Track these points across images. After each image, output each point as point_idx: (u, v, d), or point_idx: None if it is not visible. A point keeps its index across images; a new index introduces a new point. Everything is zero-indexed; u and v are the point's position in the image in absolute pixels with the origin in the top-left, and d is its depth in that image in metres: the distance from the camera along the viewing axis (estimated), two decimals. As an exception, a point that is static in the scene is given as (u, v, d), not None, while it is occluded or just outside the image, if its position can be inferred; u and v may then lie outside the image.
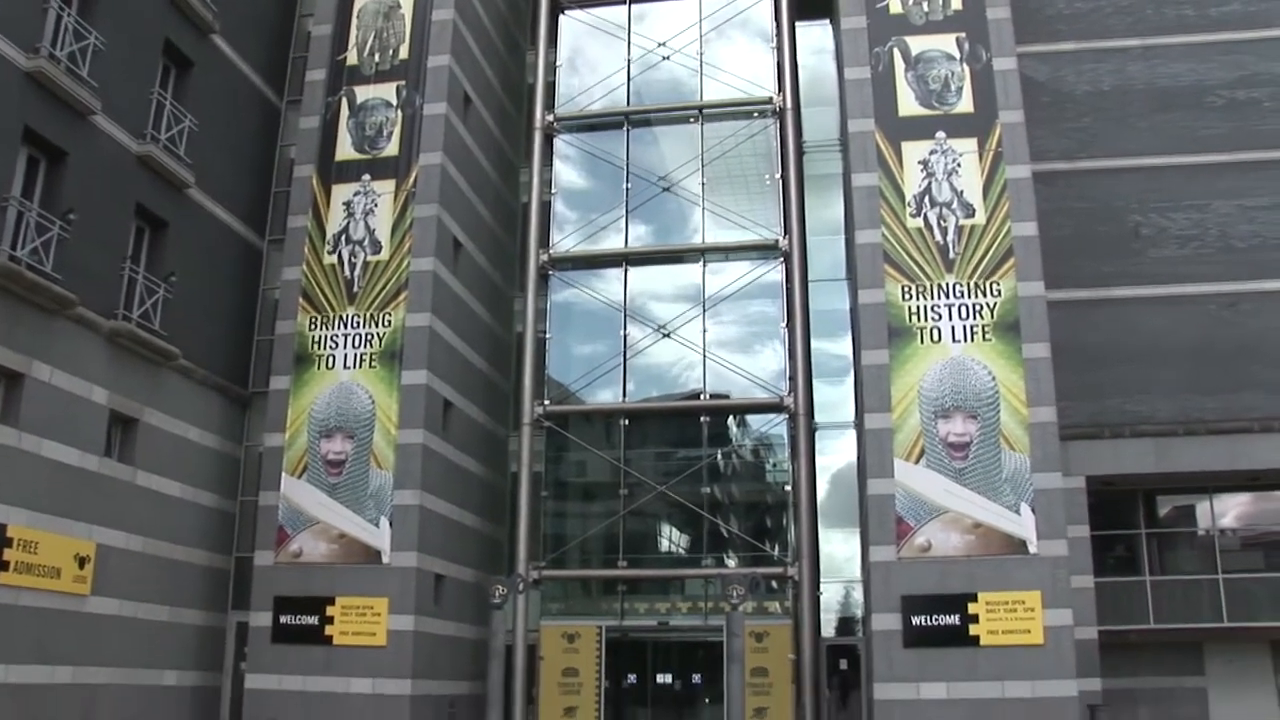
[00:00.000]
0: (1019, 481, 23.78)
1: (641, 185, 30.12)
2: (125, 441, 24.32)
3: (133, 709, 23.31)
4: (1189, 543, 28.65)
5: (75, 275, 21.85)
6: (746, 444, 30.61)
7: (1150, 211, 28.54)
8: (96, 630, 22.69)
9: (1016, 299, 24.76)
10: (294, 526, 25.94)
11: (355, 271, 27.41)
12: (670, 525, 29.80)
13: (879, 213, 25.80)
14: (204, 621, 26.61)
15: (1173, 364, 27.17)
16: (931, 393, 24.56)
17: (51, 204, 21.72)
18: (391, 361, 26.56)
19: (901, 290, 25.23)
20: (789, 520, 28.15)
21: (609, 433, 29.61)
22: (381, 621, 24.98)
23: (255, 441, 28.15)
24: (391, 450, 25.98)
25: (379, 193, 27.81)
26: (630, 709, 26.16)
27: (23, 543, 20.59)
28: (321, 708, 24.06)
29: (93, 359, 22.95)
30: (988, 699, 22.32)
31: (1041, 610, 22.86)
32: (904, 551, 23.84)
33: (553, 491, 29.32)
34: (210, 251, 27.51)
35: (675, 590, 29.10)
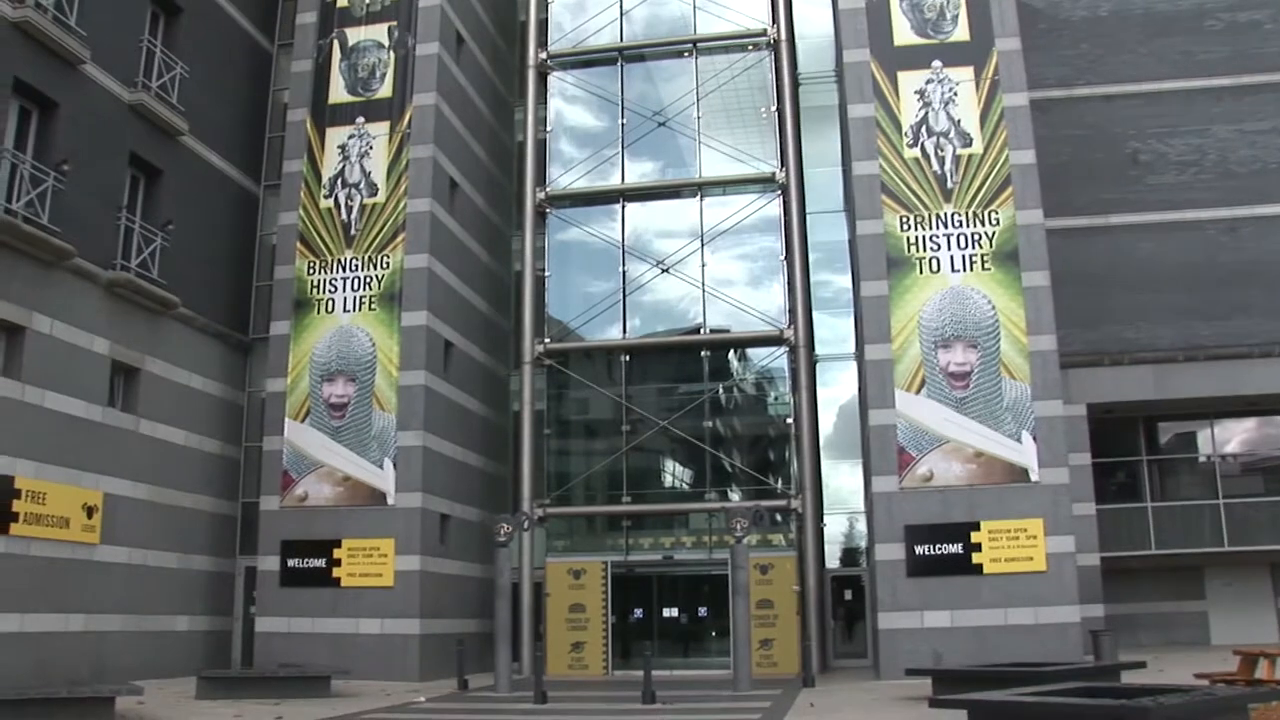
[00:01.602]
0: (1020, 410, 23.85)
1: (638, 121, 29.94)
2: (128, 391, 24.40)
3: (145, 655, 23.58)
4: (1189, 469, 28.83)
5: (72, 226, 21.80)
6: (748, 378, 30.68)
7: (1149, 138, 28.40)
8: (107, 578, 22.91)
9: (1015, 228, 24.69)
10: (298, 471, 26.09)
11: (352, 214, 27.34)
12: (673, 460, 29.95)
13: (876, 143, 25.65)
14: (212, 567, 26.85)
15: (1172, 290, 27.18)
16: (931, 323, 24.56)
17: (45, 155, 21.62)
18: (391, 303, 26.57)
19: (900, 221, 25.15)
20: (791, 453, 28.30)
21: (610, 369, 29.69)
22: (388, 562, 25.22)
23: (257, 387, 28.25)
24: (393, 392, 26.07)
25: (374, 135, 27.67)
26: (637, 642, 26.41)
27: (31, 494, 20.75)
28: (331, 649, 24.33)
29: (92, 310, 22.96)
30: (991, 626, 22.56)
31: (1043, 537, 23.03)
32: (906, 481, 23.97)
33: (555, 429, 29.45)
34: (206, 198, 27.42)
35: (679, 525, 29.33)
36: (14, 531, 20.32)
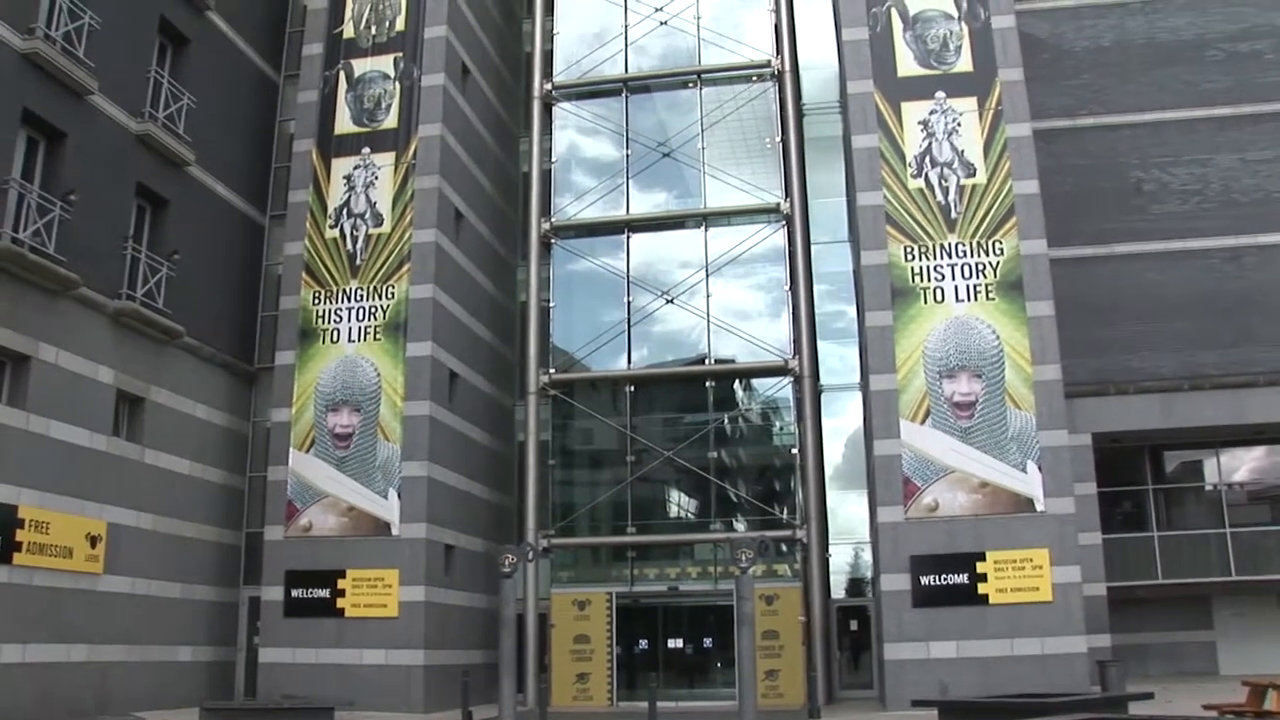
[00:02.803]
0: (1025, 439, 23.82)
1: (642, 152, 30.08)
2: (133, 420, 24.39)
3: (148, 685, 23.47)
4: (1196, 498, 28.73)
5: (78, 256, 21.85)
6: (753, 408, 30.68)
7: (1152, 167, 28.45)
8: (110, 608, 22.82)
9: (1019, 257, 24.73)
10: (303, 501, 26.06)
11: (357, 245, 27.41)
12: (678, 491, 29.90)
13: (880, 174, 25.75)
14: (216, 597, 26.75)
15: (1176, 319, 27.14)
16: (936, 353, 24.57)
17: (52, 185, 21.69)
18: (396, 334, 26.60)
19: (904, 251, 25.20)
20: (796, 483, 28.25)
21: (615, 400, 29.68)
22: (393, 593, 25.14)
23: (262, 417, 28.23)
24: (398, 422, 26.06)
25: (379, 165, 27.78)
26: (642, 674, 26.27)
27: (35, 523, 20.70)
28: (335, 679, 24.21)
29: (98, 339, 22.99)
30: (997, 656, 22.47)
31: (1050, 567, 22.96)
32: (912, 512, 23.93)
33: (560, 460, 29.43)
34: (212, 228, 27.48)
35: (684, 555, 29.24)
36: (17, 561, 20.25)
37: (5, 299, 20.34)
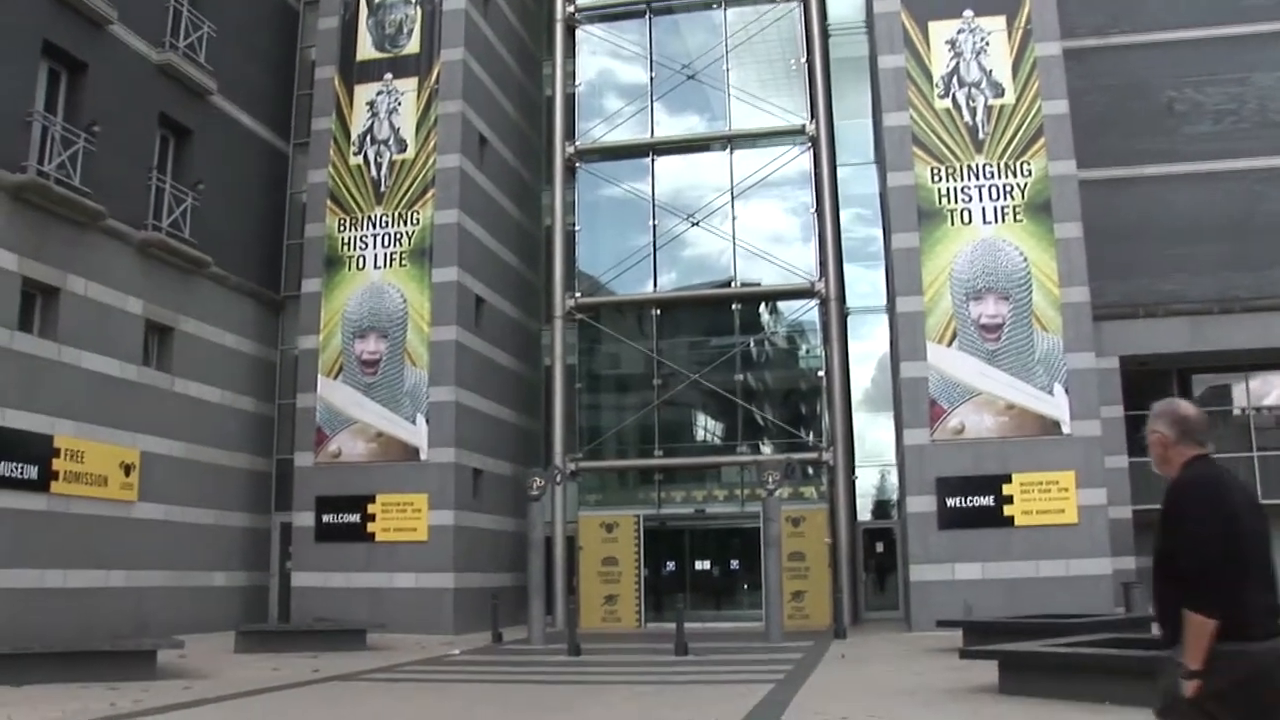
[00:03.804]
0: (1052, 362, 23.75)
1: (666, 75, 29.79)
2: (162, 350, 24.62)
3: (184, 610, 23.89)
4: (1224, 421, 28.50)
5: (103, 187, 21.92)
6: (779, 331, 30.65)
7: (1185, 86, 27.84)
8: (145, 535, 23.21)
9: (1047, 179, 24.49)
10: (332, 427, 26.29)
11: (382, 171, 27.36)
12: (704, 414, 30.03)
13: (906, 95, 25.43)
14: (249, 523, 27.16)
15: (1208, 241, 26.74)
16: (963, 275, 24.43)
17: (75, 117, 21.71)
18: (422, 259, 26.63)
19: (931, 172, 24.97)
20: (823, 406, 28.30)
21: (641, 324, 29.72)
22: (422, 517, 25.44)
23: (290, 344, 28.42)
24: (425, 348, 26.18)
25: (402, 91, 27.63)
26: (669, 595, 26.57)
27: (70, 452, 21.01)
28: (367, 603, 24.57)
29: (126, 270, 23.13)
30: (1022, 578, 22.56)
31: (1075, 490, 22.99)
32: (937, 434, 23.95)
33: (586, 384, 29.56)
34: (236, 158, 27.49)
35: (711, 478, 29.42)
36: (54, 490, 20.62)
37: (33, 232, 20.46)
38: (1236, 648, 4.46)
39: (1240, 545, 4.58)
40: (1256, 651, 4.49)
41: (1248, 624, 4.51)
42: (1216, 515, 4.61)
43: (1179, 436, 4.94)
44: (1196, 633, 4.50)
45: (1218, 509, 4.64)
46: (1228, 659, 4.46)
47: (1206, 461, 4.89)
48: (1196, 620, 4.49)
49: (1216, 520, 4.59)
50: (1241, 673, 4.48)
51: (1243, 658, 4.48)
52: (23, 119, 20.46)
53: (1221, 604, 4.46)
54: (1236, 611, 4.48)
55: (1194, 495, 4.74)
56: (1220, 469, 4.88)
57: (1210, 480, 4.78)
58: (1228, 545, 4.54)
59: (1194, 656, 4.50)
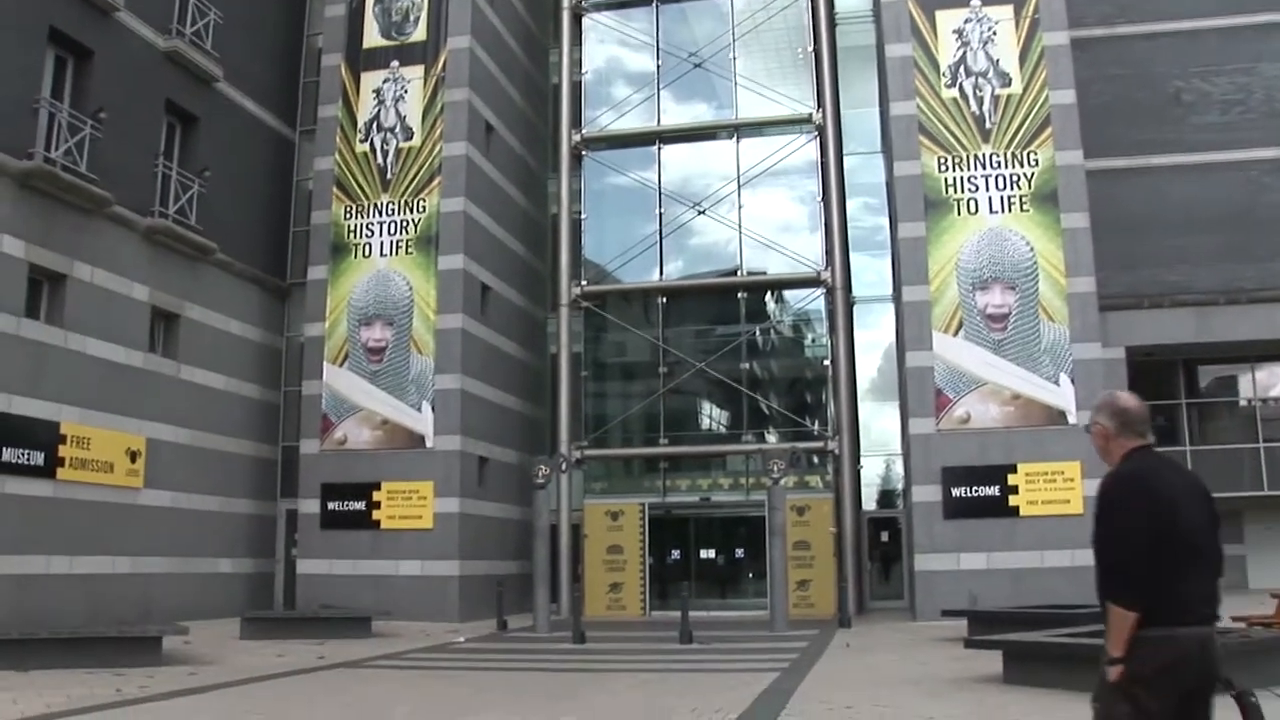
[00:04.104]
0: (1058, 352, 23.72)
1: (673, 63, 29.74)
2: (168, 337, 24.65)
3: (190, 596, 23.96)
4: (1230, 413, 28.53)
5: (109, 174, 21.92)
6: (785, 320, 30.65)
7: (1192, 76, 27.76)
8: (151, 521, 23.27)
9: (1054, 168, 24.42)
10: (338, 414, 26.33)
11: (388, 159, 27.35)
12: (710, 403, 30.05)
13: (913, 84, 25.37)
14: (254, 510, 27.21)
15: (1214, 232, 26.67)
16: (969, 264, 24.39)
17: (81, 104, 21.71)
18: (428, 247, 26.63)
19: (938, 162, 24.92)
20: (828, 395, 28.30)
21: (647, 312, 29.73)
22: (427, 505, 25.48)
23: (296, 332, 28.45)
24: (431, 335, 26.20)
25: (408, 79, 27.61)
26: (674, 584, 26.53)
27: (76, 439, 21.06)
28: (372, 590, 24.63)
29: (132, 257, 23.15)
30: (1027, 568, 22.52)
31: (1081, 480, 22.95)
32: (943, 423, 23.93)
33: (592, 372, 29.58)
34: (242, 145, 27.48)
35: (716, 467, 29.44)
36: (61, 476, 20.68)
37: (40, 218, 20.48)
38: (1164, 633, 4.55)
39: (1172, 535, 4.63)
40: (1183, 637, 4.58)
41: (1178, 611, 4.60)
42: (1146, 507, 4.67)
43: (1119, 429, 5.00)
44: (1116, 623, 4.61)
45: (1148, 501, 4.69)
46: (1153, 644, 4.55)
47: (1145, 453, 4.95)
48: (1116, 611, 4.60)
49: (1145, 512, 4.65)
50: (1167, 658, 4.55)
51: (1169, 643, 4.56)
52: (30, 106, 20.49)
53: (1142, 596, 4.56)
54: (1164, 600, 4.57)
55: (1125, 487, 4.81)
56: (1159, 461, 4.94)
57: (1144, 472, 4.84)
58: (1155, 536, 4.60)
59: (1115, 644, 4.61)
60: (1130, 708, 4.57)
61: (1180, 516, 4.70)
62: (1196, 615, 4.66)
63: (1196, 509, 4.82)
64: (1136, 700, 4.57)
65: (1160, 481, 4.80)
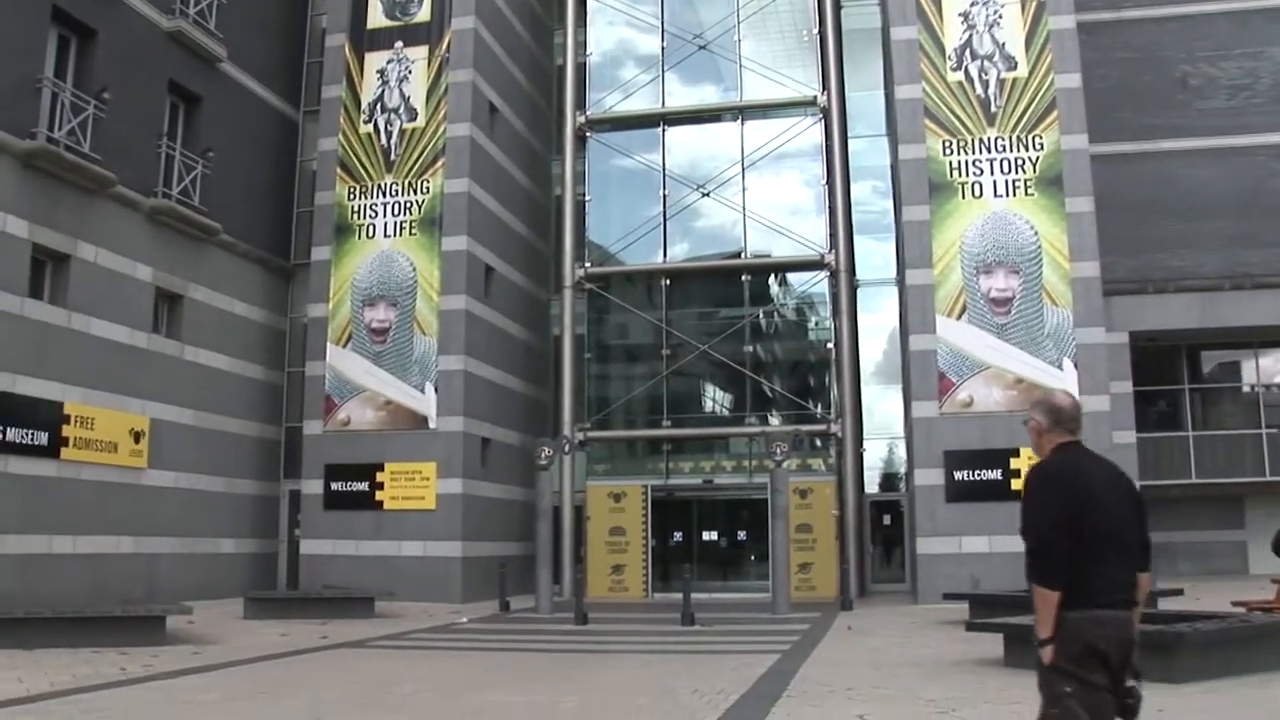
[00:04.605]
0: (1061, 337, 23.70)
1: (678, 45, 29.65)
2: (172, 317, 24.67)
3: (194, 576, 24.05)
4: (1232, 398, 28.54)
5: (113, 154, 21.92)
6: (788, 303, 30.63)
7: (1199, 61, 27.69)
8: (155, 502, 23.35)
9: (1059, 152, 24.36)
10: (341, 395, 26.35)
11: (392, 140, 27.32)
12: (713, 385, 30.04)
13: (919, 67, 25.31)
14: (258, 491, 27.27)
15: (1219, 218, 26.64)
16: (973, 248, 24.35)
17: (84, 84, 21.69)
18: (431, 228, 26.61)
19: (942, 145, 24.86)
20: (831, 378, 28.29)
21: (651, 294, 29.70)
22: (430, 486, 25.53)
23: (299, 312, 28.44)
24: (434, 316, 26.20)
25: (412, 59, 27.56)
26: (676, 566, 26.54)
27: (80, 419, 21.11)
28: (375, 571, 24.69)
29: (136, 237, 23.16)
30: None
31: (1084, 465, 22.87)
32: (946, 407, 23.93)
33: (595, 354, 29.58)
34: (246, 125, 27.44)
35: (719, 449, 29.47)
36: (65, 456, 20.74)
37: (43, 198, 20.49)
38: (1085, 614, 4.86)
39: (1089, 524, 4.93)
40: (1099, 619, 4.87)
41: (1096, 593, 4.90)
42: (1063, 496, 5.00)
43: (1051, 424, 5.32)
44: (1041, 603, 4.94)
45: (1065, 491, 5.02)
46: (1076, 624, 4.87)
47: (1072, 448, 5.26)
48: (1039, 592, 4.93)
49: (1062, 501, 4.98)
50: (1090, 636, 4.86)
51: (1092, 623, 4.87)
52: (33, 86, 20.45)
53: (1061, 578, 4.88)
54: (1083, 583, 4.89)
55: (1048, 478, 5.16)
56: (1083, 455, 5.24)
57: (1064, 465, 5.17)
58: (1072, 524, 4.91)
59: (1042, 625, 4.95)
60: (1075, 685, 4.87)
61: (1098, 507, 5.01)
62: (1114, 599, 4.94)
63: (1117, 501, 5.11)
64: (1078, 678, 4.87)
65: (1079, 474, 5.12)
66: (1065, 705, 4.89)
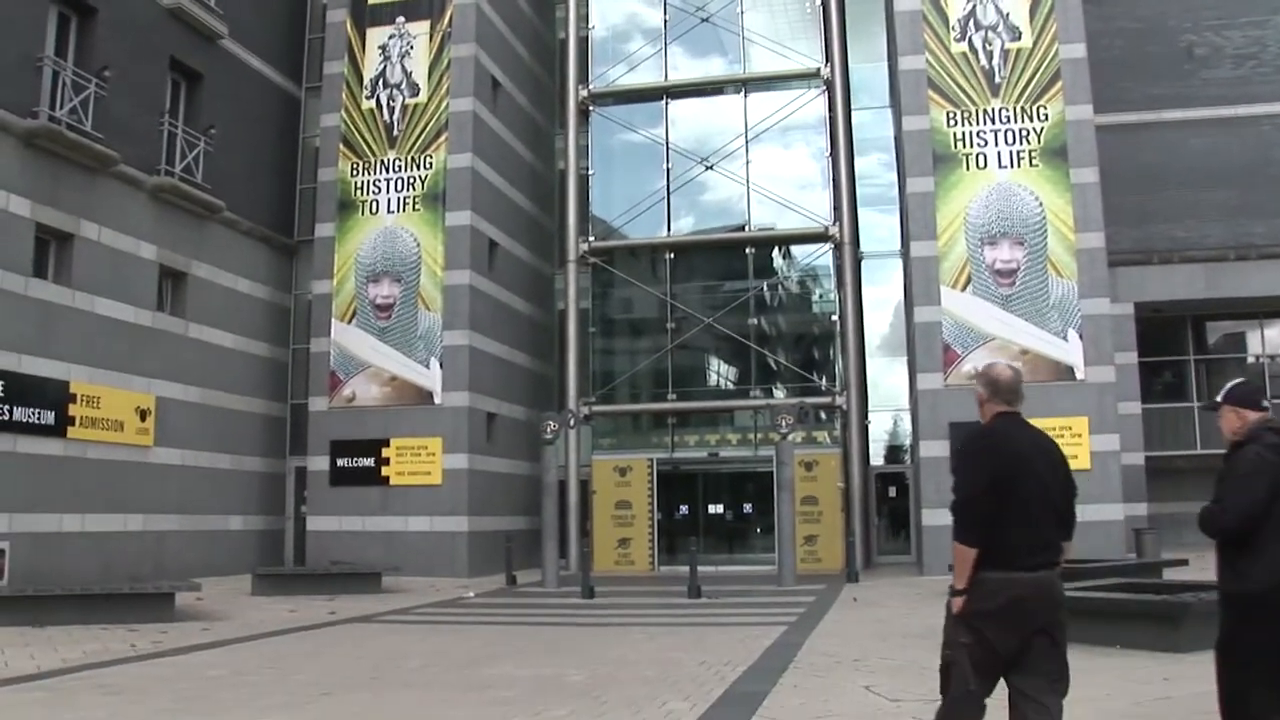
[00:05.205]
0: (1066, 308, 23.68)
1: (681, 17, 29.53)
2: (176, 295, 24.67)
3: (202, 553, 24.10)
4: (1238, 369, 28.42)
5: (115, 132, 21.86)
6: (793, 276, 30.61)
7: (1204, 30, 27.49)
8: (162, 479, 23.40)
9: (1064, 123, 24.28)
10: (346, 371, 26.38)
11: (394, 115, 27.26)
12: (718, 358, 30.05)
13: (922, 38, 25.19)
14: (264, 468, 27.32)
15: (1225, 188, 26.50)
16: (978, 219, 24.31)
17: (85, 62, 21.60)
18: (435, 204, 26.58)
19: (946, 116, 24.78)
20: (836, 350, 28.31)
21: (655, 268, 29.68)
22: (436, 461, 25.58)
23: (303, 289, 28.44)
24: (439, 292, 26.20)
25: (414, 34, 27.47)
26: (682, 539, 26.67)
27: (86, 398, 21.14)
28: (381, 546, 24.82)
29: (139, 215, 23.13)
30: (1034, 523, 22.47)
31: (1088, 435, 22.95)
32: (951, 379, 23.92)
33: (600, 328, 29.58)
34: (247, 102, 27.36)
35: (724, 422, 29.52)
36: (71, 435, 20.78)
37: (46, 178, 20.47)
38: (1003, 576, 5.20)
39: (1012, 489, 5.24)
40: (1019, 580, 5.19)
41: (1014, 556, 5.21)
42: (987, 461, 5.35)
43: (990, 395, 5.64)
44: (958, 559, 5.31)
45: (991, 456, 5.37)
46: (993, 585, 5.21)
47: (1007, 417, 5.57)
48: (958, 548, 5.30)
49: (986, 466, 5.32)
50: (1005, 598, 5.18)
51: (1007, 585, 5.19)
52: (33, 64, 20.40)
53: (979, 537, 5.23)
54: (1002, 545, 5.21)
55: (978, 444, 5.59)
56: (1015, 424, 5.54)
57: (997, 432, 5.52)
58: (995, 488, 5.22)
59: (958, 578, 5.33)
60: (973, 639, 5.24)
61: (1023, 474, 5.31)
62: (1033, 561, 5.25)
63: (1045, 469, 5.42)
64: (979, 633, 5.23)
65: (1008, 441, 5.44)
66: (958, 654, 5.29)
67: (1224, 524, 5.75)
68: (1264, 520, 5.63)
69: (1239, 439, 5.92)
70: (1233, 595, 5.78)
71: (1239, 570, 5.71)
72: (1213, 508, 5.80)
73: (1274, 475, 5.67)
